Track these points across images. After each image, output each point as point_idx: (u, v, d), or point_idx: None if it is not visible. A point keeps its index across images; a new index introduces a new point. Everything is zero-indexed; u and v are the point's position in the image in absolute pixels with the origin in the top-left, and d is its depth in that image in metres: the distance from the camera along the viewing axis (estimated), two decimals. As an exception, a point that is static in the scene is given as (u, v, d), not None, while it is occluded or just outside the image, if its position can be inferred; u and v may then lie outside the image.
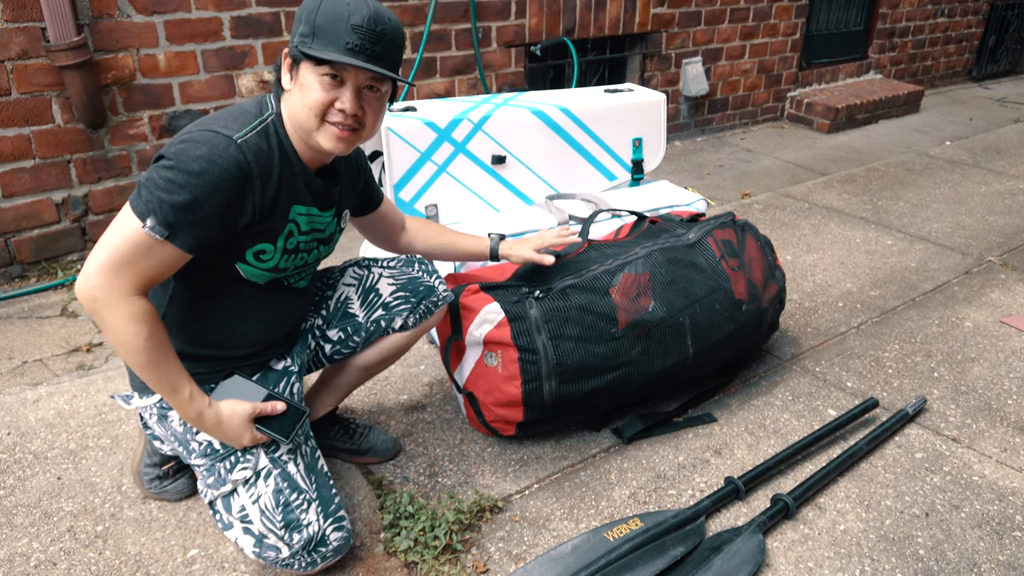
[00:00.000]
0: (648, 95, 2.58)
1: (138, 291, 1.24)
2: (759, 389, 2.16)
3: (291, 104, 1.33)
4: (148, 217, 1.21)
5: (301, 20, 1.29)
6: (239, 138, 1.26)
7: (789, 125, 5.20)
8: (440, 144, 2.25)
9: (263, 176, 1.30)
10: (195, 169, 1.21)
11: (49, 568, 1.53)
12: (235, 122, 1.29)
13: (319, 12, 1.26)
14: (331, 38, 1.26)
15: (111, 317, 1.22)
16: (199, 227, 1.24)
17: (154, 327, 1.26)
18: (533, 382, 1.75)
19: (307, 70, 1.29)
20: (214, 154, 1.23)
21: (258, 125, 1.31)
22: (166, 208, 1.21)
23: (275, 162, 1.33)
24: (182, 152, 1.22)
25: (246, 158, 1.26)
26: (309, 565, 1.44)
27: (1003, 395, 2.15)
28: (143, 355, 1.25)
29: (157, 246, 1.23)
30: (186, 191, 1.21)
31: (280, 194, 1.34)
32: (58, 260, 2.83)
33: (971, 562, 1.58)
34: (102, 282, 1.21)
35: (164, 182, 1.21)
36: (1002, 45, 6.70)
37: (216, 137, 1.24)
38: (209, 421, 1.35)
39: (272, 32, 3.01)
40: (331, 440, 1.82)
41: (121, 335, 1.24)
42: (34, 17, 2.51)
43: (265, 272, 1.41)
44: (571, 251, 1.95)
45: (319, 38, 1.26)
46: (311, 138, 1.34)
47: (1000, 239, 3.24)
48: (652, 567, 1.48)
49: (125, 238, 1.21)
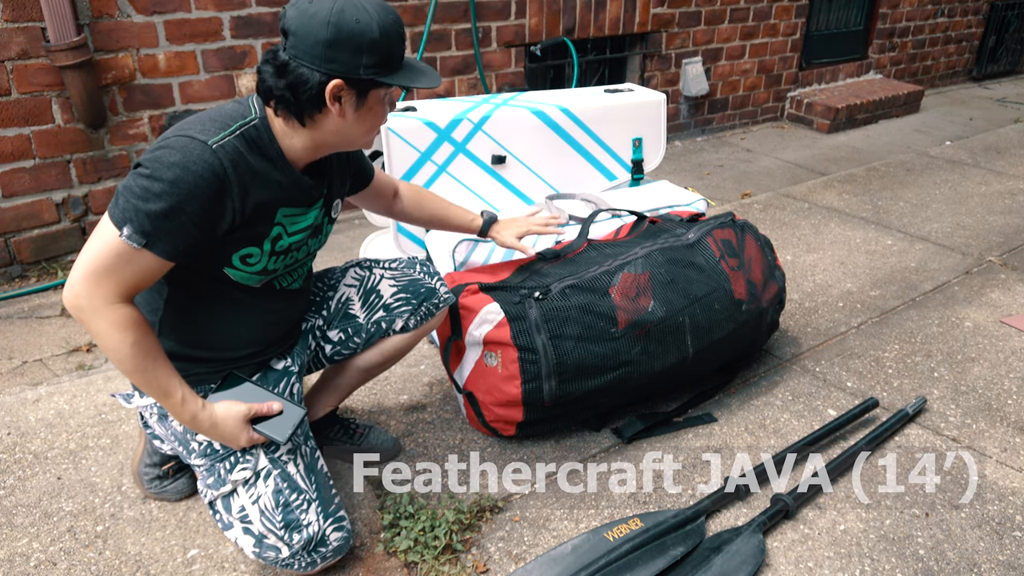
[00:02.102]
0: (648, 95, 2.58)
1: (121, 299, 1.23)
2: (759, 389, 2.16)
3: (344, 127, 1.33)
4: (125, 226, 1.19)
5: (363, 51, 1.24)
6: (215, 143, 1.24)
7: (789, 125, 5.20)
8: (440, 144, 2.25)
9: (240, 181, 1.27)
10: (169, 177, 1.19)
11: (49, 568, 1.53)
12: (213, 125, 1.26)
13: (383, 36, 1.25)
14: (408, 67, 1.32)
15: (96, 325, 1.22)
16: (177, 234, 1.22)
17: (140, 333, 1.25)
18: (533, 382, 1.75)
19: (378, 97, 1.32)
20: (188, 160, 1.20)
21: (237, 129, 1.28)
22: (142, 216, 1.19)
23: (255, 166, 1.30)
24: (157, 160, 1.20)
25: (221, 164, 1.24)
26: (309, 565, 1.44)
27: (1003, 395, 2.15)
28: (130, 361, 1.25)
29: (135, 254, 1.21)
30: (161, 200, 1.19)
31: (262, 198, 1.32)
32: (58, 260, 2.83)
33: (971, 562, 1.58)
34: (85, 290, 1.21)
35: (140, 190, 1.19)
36: (1002, 45, 6.70)
37: (191, 143, 1.22)
38: (204, 423, 1.35)
39: (272, 32, 3.01)
40: (331, 440, 1.82)
41: (107, 342, 1.23)
42: (34, 17, 2.51)
43: (254, 275, 1.40)
44: (571, 251, 1.95)
45: (401, 71, 1.31)
46: (351, 146, 1.38)
47: (1000, 239, 3.24)
48: (652, 567, 1.48)
49: (104, 247, 1.21)
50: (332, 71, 1.25)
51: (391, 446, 1.85)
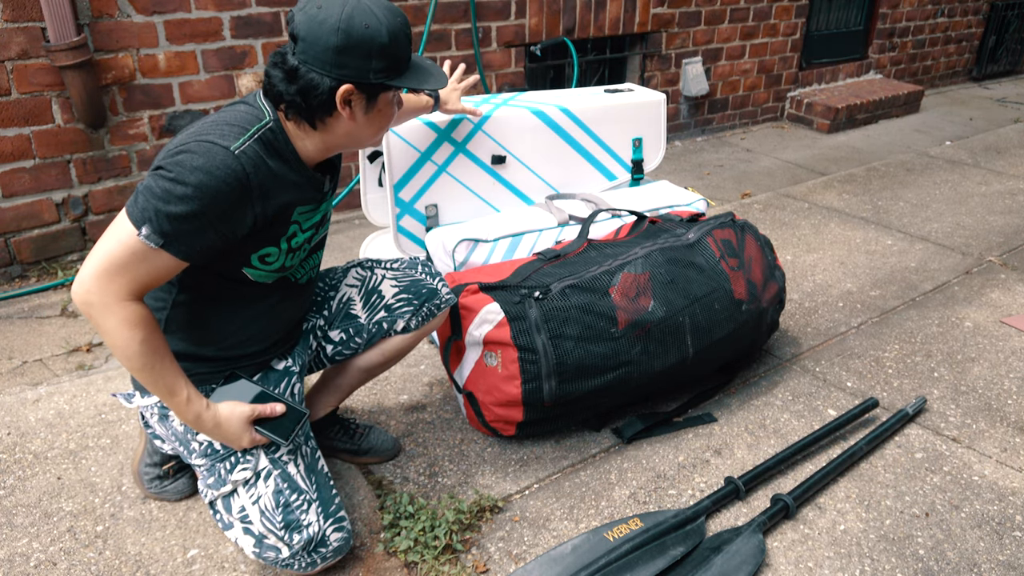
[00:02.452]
0: (648, 95, 2.58)
1: (133, 296, 1.23)
2: (759, 389, 2.16)
3: (354, 129, 1.35)
4: (143, 225, 1.20)
5: (372, 56, 1.25)
6: (236, 148, 1.24)
7: (789, 125, 5.20)
8: (440, 144, 2.25)
9: (262, 186, 1.29)
10: (193, 181, 1.20)
11: (49, 568, 1.53)
12: (231, 131, 1.27)
13: (392, 41, 1.27)
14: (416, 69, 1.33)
15: (106, 322, 1.22)
16: (195, 237, 1.23)
17: (149, 331, 1.25)
18: (533, 382, 1.75)
19: (387, 100, 1.34)
20: (212, 166, 1.21)
21: (255, 133, 1.29)
22: (162, 218, 1.20)
23: (275, 169, 1.31)
24: (180, 163, 1.21)
25: (244, 169, 1.25)
26: (309, 565, 1.44)
27: (1003, 395, 2.15)
28: (138, 359, 1.25)
29: (152, 254, 1.22)
30: (183, 203, 1.20)
31: (282, 200, 1.34)
32: (58, 260, 2.83)
33: (971, 562, 1.58)
34: (97, 287, 1.21)
35: (161, 192, 1.20)
36: (1002, 45, 6.70)
37: (214, 148, 1.23)
38: (207, 423, 1.35)
39: (272, 32, 3.01)
40: (331, 440, 1.82)
41: (116, 339, 1.23)
42: (34, 17, 2.51)
43: (272, 273, 1.42)
44: (571, 251, 1.95)
45: (411, 73, 1.32)
46: (360, 146, 1.40)
47: (1000, 239, 3.24)
48: (652, 567, 1.48)
49: (120, 244, 1.21)
50: (343, 76, 1.26)
51: (391, 446, 1.85)
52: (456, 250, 2.10)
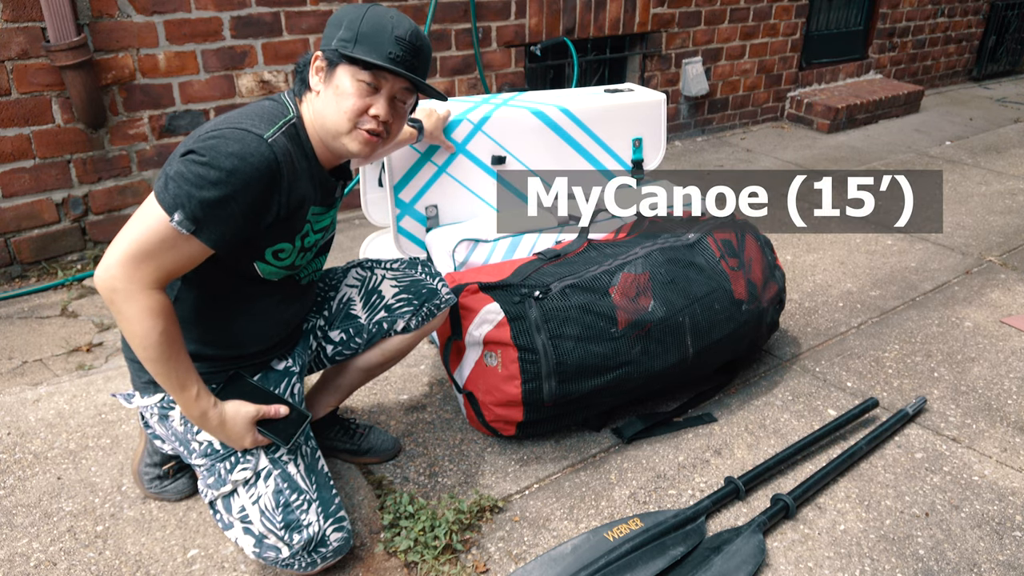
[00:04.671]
0: (648, 95, 2.58)
1: (157, 284, 1.24)
2: (759, 389, 2.16)
3: (320, 106, 1.35)
4: (176, 211, 1.20)
5: (341, 25, 1.31)
6: (269, 137, 1.27)
7: (789, 125, 5.20)
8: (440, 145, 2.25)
9: (290, 176, 1.31)
10: (227, 166, 1.21)
11: (49, 568, 1.53)
12: (262, 121, 1.29)
13: (363, 20, 1.30)
14: (374, 46, 1.30)
15: (128, 309, 1.22)
16: (226, 224, 1.24)
17: (169, 322, 1.26)
18: (533, 382, 1.75)
19: (345, 74, 1.32)
20: (246, 152, 1.22)
21: (283, 125, 1.31)
22: (195, 203, 1.20)
23: (298, 163, 1.34)
24: (214, 148, 1.21)
25: (276, 158, 1.27)
26: (309, 565, 1.44)
27: (1003, 395, 2.15)
28: (156, 349, 1.25)
29: (182, 241, 1.22)
30: (217, 188, 1.20)
31: (302, 194, 1.36)
32: (58, 260, 2.83)
33: (971, 562, 1.58)
34: (123, 273, 1.20)
35: (195, 177, 1.20)
36: (1002, 45, 6.70)
37: (247, 135, 1.24)
38: (213, 421, 1.35)
39: (272, 32, 3.01)
40: (331, 440, 1.82)
41: (137, 328, 1.23)
42: (34, 17, 2.51)
43: (282, 270, 1.43)
44: (571, 251, 1.95)
45: (362, 44, 1.30)
46: (337, 141, 1.36)
47: (1000, 239, 3.24)
48: (652, 567, 1.48)
49: (149, 230, 1.21)
50: (321, 46, 1.33)
51: (391, 446, 1.85)
52: (456, 250, 2.10)
